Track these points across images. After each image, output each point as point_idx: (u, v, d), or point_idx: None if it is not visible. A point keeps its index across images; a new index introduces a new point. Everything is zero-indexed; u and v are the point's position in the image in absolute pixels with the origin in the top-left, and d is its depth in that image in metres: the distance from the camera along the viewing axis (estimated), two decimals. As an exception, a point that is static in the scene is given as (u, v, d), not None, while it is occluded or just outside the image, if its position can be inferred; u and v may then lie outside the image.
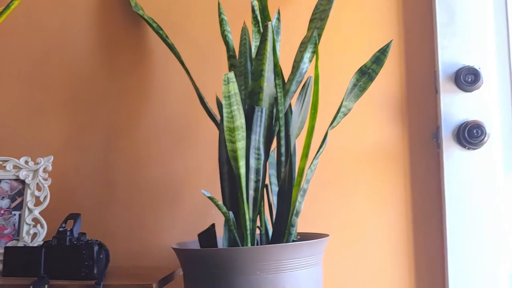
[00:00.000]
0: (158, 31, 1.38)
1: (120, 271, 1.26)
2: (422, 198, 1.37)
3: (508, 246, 1.28)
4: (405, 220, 1.37)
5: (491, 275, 1.28)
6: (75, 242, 1.15)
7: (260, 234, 1.18)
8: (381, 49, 1.16)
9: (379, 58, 1.16)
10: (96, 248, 1.15)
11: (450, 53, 1.34)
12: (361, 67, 1.15)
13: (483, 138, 1.29)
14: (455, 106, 1.33)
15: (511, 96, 1.33)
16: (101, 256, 1.16)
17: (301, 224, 1.25)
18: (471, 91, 1.32)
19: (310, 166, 1.10)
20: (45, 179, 1.33)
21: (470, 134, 1.29)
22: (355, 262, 1.38)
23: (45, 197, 1.32)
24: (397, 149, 1.38)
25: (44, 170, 1.34)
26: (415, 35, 1.40)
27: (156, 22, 1.40)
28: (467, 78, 1.31)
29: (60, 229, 1.17)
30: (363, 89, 1.15)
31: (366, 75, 1.15)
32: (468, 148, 1.31)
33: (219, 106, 1.24)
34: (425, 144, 1.38)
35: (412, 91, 1.39)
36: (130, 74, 1.48)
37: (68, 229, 1.17)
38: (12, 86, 1.50)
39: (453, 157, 1.32)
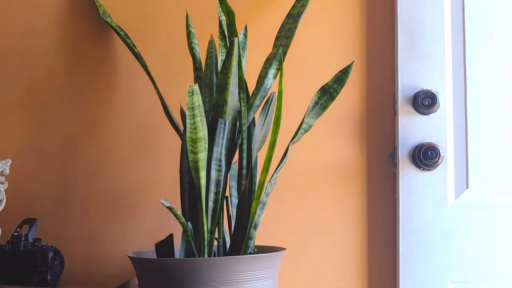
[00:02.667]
0: (126, 39, 1.39)
1: (75, 278, 1.25)
2: (377, 216, 1.40)
3: (457, 264, 1.32)
4: (360, 237, 1.40)
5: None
6: (29, 248, 1.14)
7: (218, 245, 1.19)
8: (343, 69, 1.20)
9: (340, 78, 1.19)
10: (50, 254, 1.14)
11: (409, 76, 1.39)
12: (323, 86, 1.19)
13: (437, 160, 1.34)
14: (412, 128, 1.37)
15: (465, 120, 1.38)
16: (55, 262, 1.14)
17: (258, 237, 1.26)
18: (427, 114, 1.37)
19: (270, 180, 1.12)
20: (2, 183, 1.31)
21: (425, 156, 1.34)
22: (309, 276, 1.40)
23: (1, 201, 1.29)
24: (355, 166, 1.42)
25: (1, 174, 1.31)
26: (376, 57, 1.45)
27: (123, 30, 1.40)
28: (424, 101, 1.36)
29: (15, 233, 1.15)
30: (324, 107, 1.18)
31: (327, 94, 1.18)
32: (423, 169, 1.35)
33: (183, 116, 1.25)
34: (382, 163, 1.42)
35: (372, 112, 1.43)
36: (94, 80, 1.47)
37: (23, 234, 1.15)
38: (-28, 87, 1.47)
39: (408, 177, 1.36)
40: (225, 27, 1.27)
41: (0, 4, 1.48)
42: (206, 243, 1.11)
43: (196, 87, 1.09)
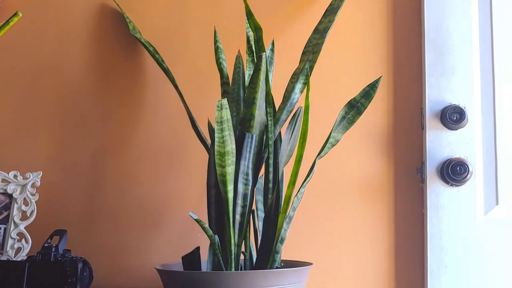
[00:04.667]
0: (154, 54, 1.41)
1: (102, 290, 1.26)
2: (405, 231, 1.39)
3: (487, 282, 1.30)
4: (388, 253, 1.39)
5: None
6: (59, 259, 1.15)
7: (245, 259, 1.19)
8: (371, 84, 1.20)
9: (368, 92, 1.19)
10: (80, 265, 1.15)
11: (437, 91, 1.38)
12: (350, 100, 1.19)
13: (466, 176, 1.32)
14: (440, 143, 1.36)
15: (494, 135, 1.36)
16: (84, 273, 1.16)
17: (285, 251, 1.26)
18: (456, 129, 1.36)
19: (296, 194, 1.12)
20: (33, 194, 1.34)
21: (453, 171, 1.32)
22: (336, 292, 1.39)
23: (32, 212, 1.32)
24: (382, 181, 1.41)
25: (33, 185, 1.34)
26: (404, 72, 1.44)
27: (152, 46, 1.43)
28: (452, 117, 1.35)
29: (46, 244, 1.17)
30: (351, 122, 1.18)
31: (355, 108, 1.18)
32: (451, 185, 1.34)
33: (211, 130, 1.26)
34: (410, 178, 1.40)
35: (399, 126, 1.43)
36: (123, 95, 1.50)
37: (54, 245, 1.17)
38: (5, 101, 1.51)
39: (436, 192, 1.34)
40: (252, 43, 1.29)
41: (32, 19, 1.53)
42: (233, 256, 1.11)
43: (225, 101, 1.10)
